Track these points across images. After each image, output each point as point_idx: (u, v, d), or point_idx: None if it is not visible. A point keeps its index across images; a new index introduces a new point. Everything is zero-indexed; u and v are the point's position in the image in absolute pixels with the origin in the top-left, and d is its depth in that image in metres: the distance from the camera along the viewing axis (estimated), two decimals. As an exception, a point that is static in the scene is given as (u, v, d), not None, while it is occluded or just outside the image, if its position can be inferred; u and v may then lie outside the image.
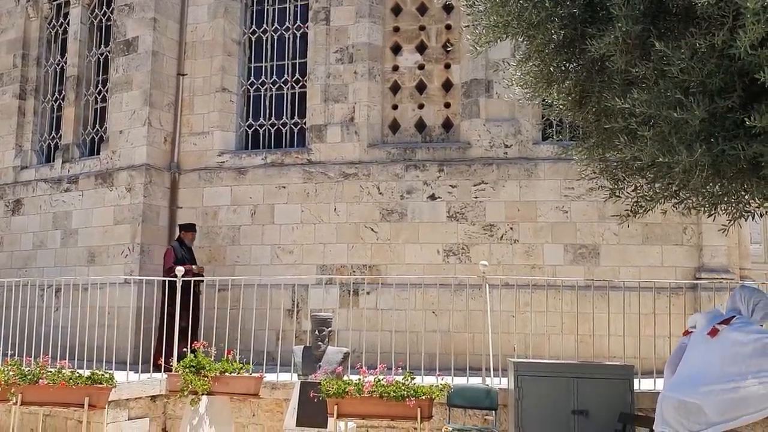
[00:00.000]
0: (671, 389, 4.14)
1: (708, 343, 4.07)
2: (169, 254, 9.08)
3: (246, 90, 10.73)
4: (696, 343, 4.17)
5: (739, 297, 4.23)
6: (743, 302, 4.19)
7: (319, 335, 6.78)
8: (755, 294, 4.24)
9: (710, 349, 4.05)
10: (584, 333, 7.91)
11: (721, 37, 3.41)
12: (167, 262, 8.96)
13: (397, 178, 9.68)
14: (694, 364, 4.09)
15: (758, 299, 4.18)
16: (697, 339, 4.19)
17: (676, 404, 4.02)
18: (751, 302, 4.17)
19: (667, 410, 4.08)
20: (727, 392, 3.85)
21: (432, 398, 5.78)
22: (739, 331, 4.01)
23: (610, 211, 6.64)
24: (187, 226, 9.55)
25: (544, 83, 5.08)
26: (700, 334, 4.17)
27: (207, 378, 6.47)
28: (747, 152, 3.71)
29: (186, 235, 9.42)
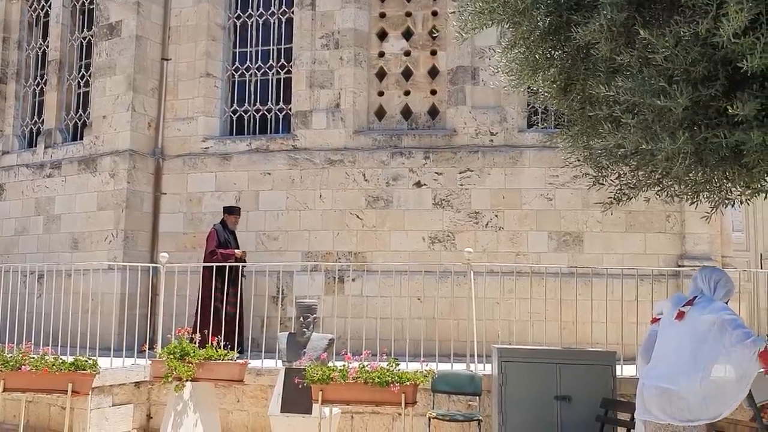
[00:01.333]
0: (651, 378, 4.16)
1: (676, 326, 4.13)
2: (212, 237, 8.80)
3: (231, 75, 10.65)
4: (665, 329, 4.23)
5: (701, 278, 4.29)
6: (704, 282, 4.25)
7: (304, 322, 6.79)
8: (715, 272, 4.31)
9: (680, 332, 4.10)
10: (567, 320, 7.98)
11: (705, 26, 3.42)
12: (210, 245, 8.71)
13: (383, 165, 9.67)
14: (668, 351, 4.13)
15: (718, 277, 4.26)
16: (665, 324, 4.25)
17: (657, 392, 4.04)
18: (712, 281, 4.24)
19: (649, 398, 4.10)
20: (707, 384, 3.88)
21: (416, 384, 5.81)
22: (703, 309, 4.08)
23: (594, 198, 6.67)
24: (231, 208, 9.25)
25: (530, 70, 5.07)
26: (668, 319, 4.22)
27: (191, 364, 6.46)
28: (729, 140, 3.74)
29: (229, 218, 9.13)
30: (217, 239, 8.77)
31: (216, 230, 8.90)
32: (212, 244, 8.71)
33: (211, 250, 8.60)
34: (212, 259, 8.39)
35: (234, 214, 9.17)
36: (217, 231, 8.88)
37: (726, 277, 4.28)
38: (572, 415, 6.39)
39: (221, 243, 8.74)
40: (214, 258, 8.41)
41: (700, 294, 4.22)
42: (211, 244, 8.73)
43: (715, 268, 4.44)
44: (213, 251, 8.52)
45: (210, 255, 8.54)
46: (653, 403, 4.05)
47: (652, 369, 4.20)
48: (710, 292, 4.20)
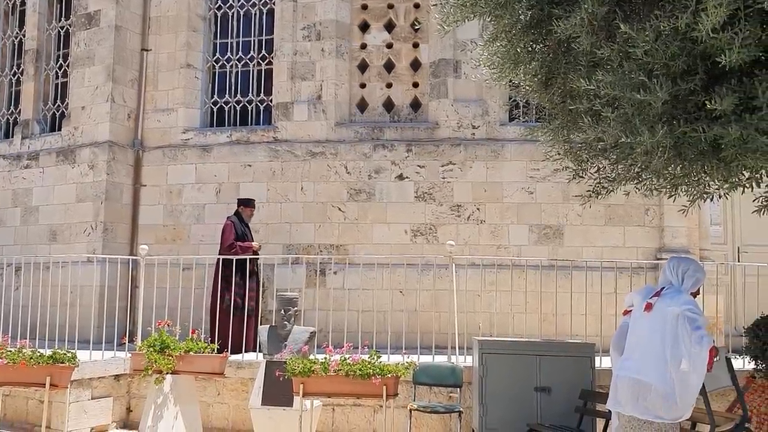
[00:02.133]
0: (624, 369, 4.17)
1: (645, 318, 4.14)
2: (229, 229, 8.54)
3: (211, 66, 10.57)
4: (636, 321, 4.24)
5: (669, 268, 4.29)
6: (673, 273, 4.25)
7: (285, 315, 6.78)
8: (683, 262, 4.30)
9: (648, 324, 4.11)
10: (547, 312, 8.04)
11: (685, 20, 3.45)
12: (228, 238, 8.47)
13: (365, 157, 9.66)
14: (638, 343, 4.15)
15: (686, 267, 4.25)
16: (636, 316, 4.25)
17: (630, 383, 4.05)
18: (680, 271, 4.24)
19: (622, 390, 4.11)
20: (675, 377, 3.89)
21: (398, 376, 5.82)
22: (670, 301, 4.08)
23: (574, 192, 6.72)
24: (247, 200, 9.01)
25: (511, 64, 5.09)
26: (638, 311, 4.23)
27: (171, 357, 6.43)
28: (708, 134, 3.77)
29: (245, 210, 8.88)
30: (234, 231, 8.54)
31: (233, 222, 8.63)
32: (230, 236, 8.46)
33: (230, 243, 8.39)
34: (231, 252, 8.20)
35: (250, 206, 8.92)
36: (234, 223, 8.63)
37: (695, 266, 4.29)
38: (552, 406, 6.44)
39: (239, 236, 8.55)
40: (233, 251, 8.22)
41: (668, 285, 4.22)
42: (229, 237, 8.47)
43: (684, 257, 4.43)
44: (232, 244, 8.33)
45: (229, 248, 8.31)
46: (625, 395, 4.07)
47: (624, 361, 4.21)
48: (678, 282, 4.20)
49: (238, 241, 8.40)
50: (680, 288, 4.17)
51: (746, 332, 5.79)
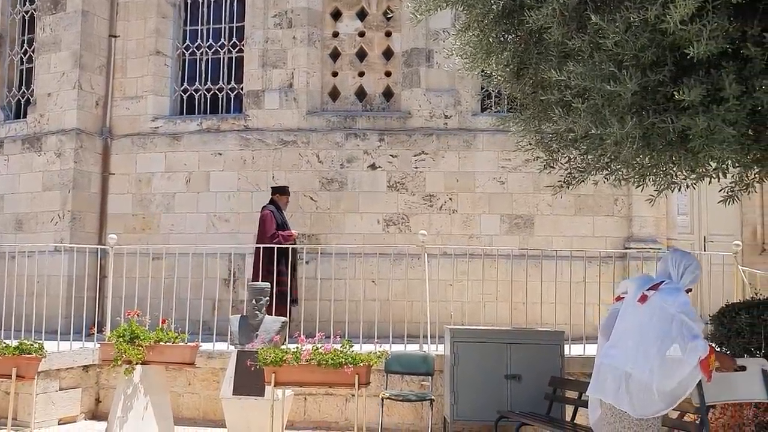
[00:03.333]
0: (608, 357, 4.11)
1: (638, 309, 4.07)
2: (270, 219, 8.44)
3: (181, 54, 10.43)
4: (627, 310, 4.17)
5: (671, 261, 4.22)
6: (674, 266, 4.19)
7: (257, 304, 6.75)
8: (686, 257, 4.24)
9: (642, 317, 4.04)
10: (518, 300, 8.11)
11: (654, 12, 3.48)
12: (269, 228, 8.38)
13: (337, 146, 9.63)
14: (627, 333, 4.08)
15: (689, 263, 4.19)
16: (628, 305, 4.18)
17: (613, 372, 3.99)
18: (682, 266, 4.17)
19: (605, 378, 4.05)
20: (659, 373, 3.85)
21: (370, 365, 5.84)
22: (667, 297, 4.01)
23: (545, 182, 6.78)
24: (282, 188, 8.88)
25: (483, 54, 5.10)
26: (631, 301, 4.15)
27: (141, 347, 6.36)
28: (676, 125, 3.82)
29: (281, 198, 8.77)
30: (275, 221, 8.47)
31: (272, 212, 8.54)
32: (272, 226, 8.38)
33: (273, 233, 8.32)
34: (273, 242, 8.13)
35: (286, 194, 8.82)
36: (273, 213, 8.54)
37: (696, 263, 4.22)
38: (522, 393, 6.52)
39: (279, 225, 8.47)
40: (275, 240, 8.15)
41: (668, 279, 4.15)
42: (270, 227, 8.38)
43: (687, 252, 4.35)
44: (274, 234, 8.27)
45: (271, 238, 8.24)
46: (608, 383, 4.03)
47: (610, 348, 4.14)
48: (678, 277, 4.14)
49: (279, 230, 8.35)
50: (678, 284, 4.11)
51: (711, 320, 5.90)
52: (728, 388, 4.20)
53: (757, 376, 4.22)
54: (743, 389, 4.22)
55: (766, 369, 4.22)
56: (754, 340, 4.88)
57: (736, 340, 4.94)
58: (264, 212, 8.57)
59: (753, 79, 3.68)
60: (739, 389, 4.22)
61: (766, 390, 4.20)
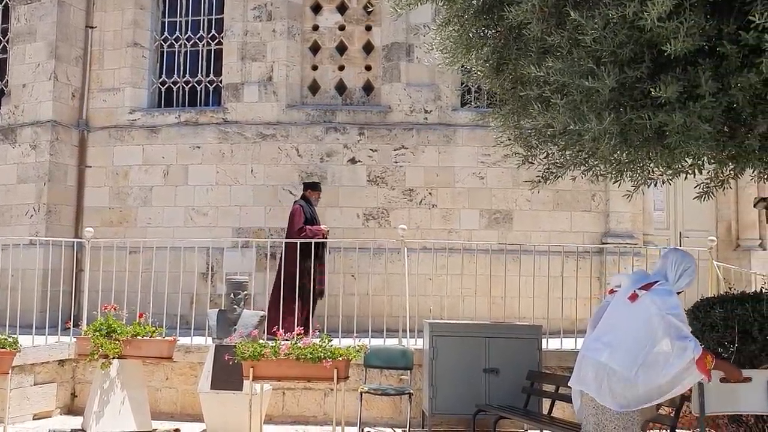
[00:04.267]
0: (591, 350, 4.11)
1: (627, 306, 4.04)
2: (299, 213, 8.45)
3: (159, 45, 10.33)
4: (617, 306, 4.15)
5: (670, 261, 4.17)
6: (673, 267, 4.13)
7: (235, 298, 6.72)
8: (686, 259, 4.18)
9: (630, 314, 4.01)
10: (497, 295, 8.16)
11: (632, 9, 3.51)
12: (297, 222, 8.37)
13: (317, 140, 9.60)
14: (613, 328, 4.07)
15: (687, 265, 4.14)
16: (618, 301, 4.14)
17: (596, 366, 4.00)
18: (681, 268, 4.12)
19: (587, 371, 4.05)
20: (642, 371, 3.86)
21: (348, 359, 5.84)
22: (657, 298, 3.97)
23: (524, 177, 6.80)
24: (315, 184, 8.90)
25: (464, 49, 5.11)
26: (622, 297, 4.11)
27: (118, 341, 6.31)
28: (653, 121, 3.86)
29: (312, 194, 8.77)
30: (303, 215, 8.47)
31: (301, 206, 8.54)
32: (300, 220, 8.38)
33: (300, 227, 8.32)
34: (301, 236, 8.13)
35: (318, 190, 8.86)
36: (302, 207, 8.54)
37: (694, 266, 4.19)
38: (500, 387, 6.57)
39: (308, 219, 8.46)
40: (303, 235, 8.15)
41: (663, 279, 4.09)
42: (299, 221, 8.38)
43: (687, 254, 4.29)
44: (302, 228, 8.27)
45: (299, 232, 8.24)
46: (590, 377, 4.03)
47: (595, 341, 4.13)
48: (675, 278, 4.10)
49: (308, 224, 8.37)
50: (672, 286, 4.06)
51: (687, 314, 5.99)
52: (731, 398, 4.16)
53: (761, 388, 4.17)
54: (746, 401, 4.18)
55: None
56: (727, 335, 4.95)
57: (710, 334, 5.01)
58: (294, 207, 8.61)
59: (729, 76, 3.73)
60: (741, 401, 4.18)
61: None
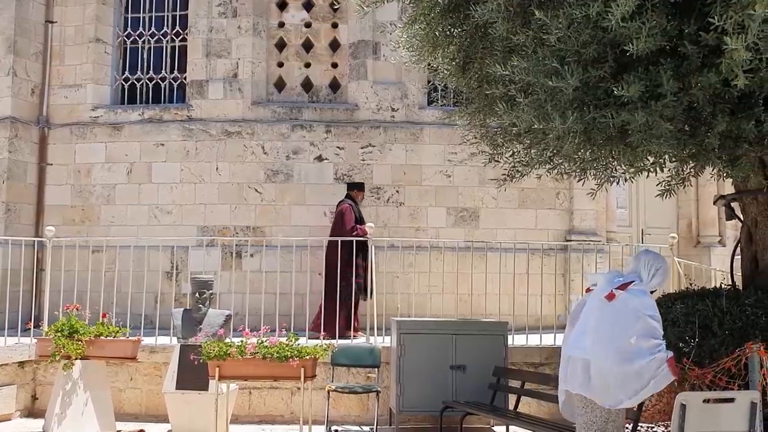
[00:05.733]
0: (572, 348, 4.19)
1: (605, 305, 4.11)
2: (349, 213, 8.52)
3: (122, 42, 10.16)
4: (594, 305, 4.22)
5: (643, 261, 4.25)
6: (645, 267, 4.21)
7: (200, 298, 6.66)
8: (657, 260, 4.27)
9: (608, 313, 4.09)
10: (463, 292, 8.21)
11: (596, 9, 3.56)
12: (348, 221, 8.45)
13: (283, 137, 9.55)
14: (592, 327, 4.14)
15: (659, 265, 4.23)
16: (595, 300, 4.22)
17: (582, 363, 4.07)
18: (653, 268, 4.20)
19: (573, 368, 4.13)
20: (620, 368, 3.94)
21: (316, 358, 5.83)
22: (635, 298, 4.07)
23: (490, 175, 6.88)
24: (360, 185, 9.04)
25: (430, 47, 5.14)
26: (598, 296, 4.19)
27: (81, 342, 6.21)
28: (616, 120, 3.93)
29: (358, 194, 8.89)
30: (353, 215, 8.56)
31: (351, 206, 8.63)
32: (351, 219, 8.48)
33: (352, 226, 8.42)
34: (353, 235, 8.23)
35: (363, 190, 9.02)
36: (351, 207, 8.62)
37: (666, 266, 4.30)
38: (467, 383, 6.62)
39: (357, 219, 8.56)
40: (354, 234, 8.25)
41: (637, 279, 4.19)
42: (350, 221, 8.47)
43: (658, 255, 4.37)
44: (353, 227, 8.39)
45: (350, 231, 8.33)
46: (578, 374, 4.09)
47: (577, 341, 4.20)
48: (648, 278, 4.19)
49: (357, 224, 8.47)
50: (645, 286, 4.16)
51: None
52: (713, 418, 4.18)
53: (744, 409, 4.21)
54: (727, 421, 4.20)
55: (756, 401, 4.19)
56: (688, 329, 5.05)
57: (671, 330, 5.11)
58: (343, 206, 8.65)
59: (689, 76, 3.81)
60: (723, 421, 4.20)
61: (749, 423, 4.20)
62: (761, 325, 4.65)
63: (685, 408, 4.07)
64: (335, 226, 8.59)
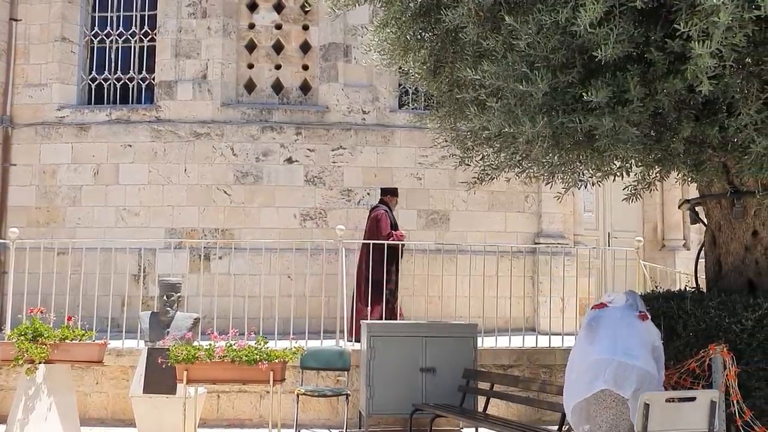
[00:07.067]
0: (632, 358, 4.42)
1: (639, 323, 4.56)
2: (385, 219, 8.47)
3: (89, 41, 10.01)
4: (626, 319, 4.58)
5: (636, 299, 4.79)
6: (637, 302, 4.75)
7: (168, 300, 6.59)
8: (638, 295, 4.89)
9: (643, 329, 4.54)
10: (434, 294, 8.24)
11: (565, 15, 3.61)
12: (384, 227, 8.39)
13: (253, 139, 9.49)
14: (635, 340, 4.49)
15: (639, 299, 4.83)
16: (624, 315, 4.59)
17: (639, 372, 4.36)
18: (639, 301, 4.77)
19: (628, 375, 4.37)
20: None
21: (285, 361, 5.81)
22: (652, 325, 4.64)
23: (460, 178, 6.91)
24: (393, 190, 8.94)
25: (401, 51, 5.15)
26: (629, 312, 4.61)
27: (45, 345, 6.09)
28: (583, 125, 3.98)
29: (392, 199, 8.81)
30: (389, 220, 8.52)
31: (386, 212, 8.59)
32: (387, 225, 8.43)
33: (388, 232, 8.38)
34: (388, 239, 8.23)
35: (397, 195, 8.95)
36: (387, 213, 8.58)
37: None
38: (437, 386, 6.64)
39: (392, 224, 8.53)
40: (391, 239, 8.24)
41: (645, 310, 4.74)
42: (386, 226, 8.42)
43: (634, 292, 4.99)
44: (390, 233, 8.35)
45: (387, 237, 8.29)
46: (630, 381, 4.36)
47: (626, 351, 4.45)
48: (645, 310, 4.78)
49: (392, 229, 8.46)
50: None
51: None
52: (675, 417, 4.32)
53: (704, 408, 4.37)
54: (687, 419, 4.35)
55: (715, 400, 4.37)
56: (653, 331, 5.13)
57: (637, 331, 5.19)
58: (378, 212, 8.61)
59: (655, 82, 3.87)
60: (683, 419, 4.35)
61: (709, 421, 4.37)
62: (724, 326, 4.74)
63: (648, 407, 4.19)
64: (370, 230, 8.58)
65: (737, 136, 4.03)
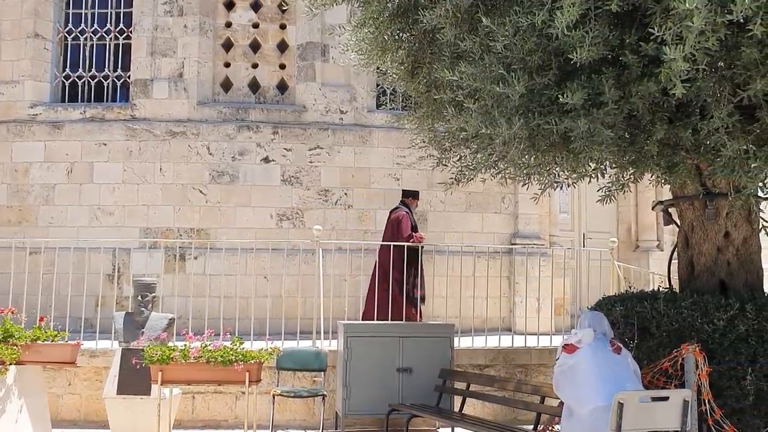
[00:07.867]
0: None
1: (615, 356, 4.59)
2: (406, 221, 8.47)
3: (63, 38, 9.88)
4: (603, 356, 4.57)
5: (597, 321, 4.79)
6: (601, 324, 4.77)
7: (142, 301, 6.53)
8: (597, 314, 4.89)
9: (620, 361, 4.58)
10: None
11: (541, 17, 3.63)
12: (405, 229, 8.39)
13: (229, 138, 9.43)
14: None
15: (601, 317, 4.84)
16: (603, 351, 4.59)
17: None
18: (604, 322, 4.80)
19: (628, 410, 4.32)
20: None
21: (261, 362, 5.78)
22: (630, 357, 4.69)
23: (438, 179, 6.93)
24: (414, 192, 8.94)
25: (379, 51, 5.15)
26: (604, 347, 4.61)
27: (16, 346, 5.99)
28: (559, 127, 4.01)
29: (413, 201, 8.82)
30: (410, 222, 8.52)
31: (407, 214, 8.59)
32: (408, 227, 8.44)
33: (409, 234, 8.37)
34: (409, 241, 8.22)
35: (417, 198, 8.97)
36: (408, 215, 8.59)
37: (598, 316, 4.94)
38: (413, 386, 6.65)
39: (413, 226, 8.53)
40: (411, 241, 8.22)
41: (603, 336, 4.73)
42: (407, 228, 8.42)
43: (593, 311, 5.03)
44: (410, 235, 8.36)
45: (407, 239, 8.28)
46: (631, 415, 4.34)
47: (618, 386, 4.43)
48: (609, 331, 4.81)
49: (413, 231, 8.46)
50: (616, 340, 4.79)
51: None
52: (648, 416, 4.37)
53: (677, 407, 4.44)
54: (661, 418, 4.41)
55: (688, 400, 4.44)
56: (627, 331, 5.19)
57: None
58: (399, 213, 8.61)
59: (630, 84, 3.92)
60: (657, 419, 4.40)
61: (682, 420, 4.44)
62: (697, 326, 4.80)
63: (622, 406, 4.24)
64: (389, 232, 8.59)
65: (710, 139, 4.09)
